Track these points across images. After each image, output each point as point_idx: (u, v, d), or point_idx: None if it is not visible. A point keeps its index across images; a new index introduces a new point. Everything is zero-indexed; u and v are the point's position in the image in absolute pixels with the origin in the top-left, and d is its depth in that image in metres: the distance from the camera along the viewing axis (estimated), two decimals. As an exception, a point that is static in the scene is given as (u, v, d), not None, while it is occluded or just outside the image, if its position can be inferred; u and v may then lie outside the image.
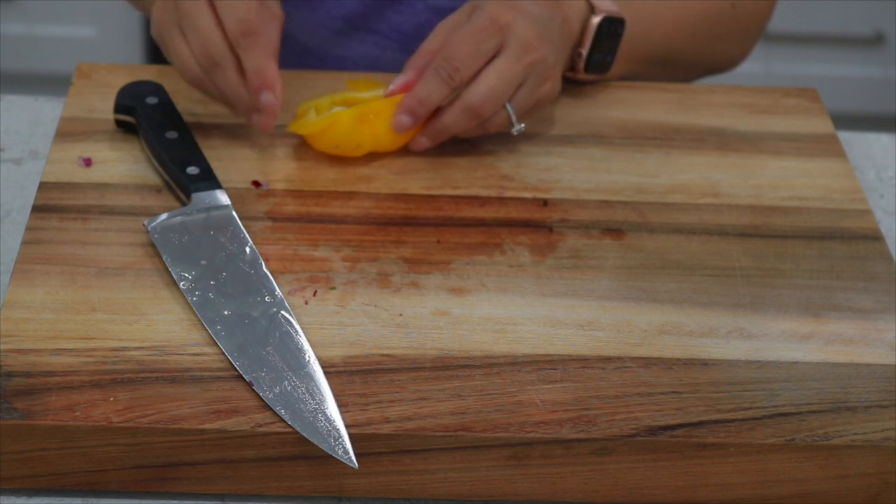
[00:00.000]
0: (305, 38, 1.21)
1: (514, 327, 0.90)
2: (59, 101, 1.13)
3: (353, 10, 1.18)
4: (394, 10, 1.18)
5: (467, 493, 0.84)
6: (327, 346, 0.87)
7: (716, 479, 0.84)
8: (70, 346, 0.85)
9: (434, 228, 0.97)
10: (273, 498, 0.84)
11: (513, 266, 0.94)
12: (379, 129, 1.01)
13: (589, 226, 0.99)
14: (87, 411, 0.81)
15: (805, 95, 1.14)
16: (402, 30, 1.18)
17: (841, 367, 0.88)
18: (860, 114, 2.36)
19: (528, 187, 1.02)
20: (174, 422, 0.81)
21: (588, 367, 0.87)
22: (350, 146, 1.01)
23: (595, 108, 1.10)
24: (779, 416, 0.85)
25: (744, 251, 0.97)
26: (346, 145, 1.01)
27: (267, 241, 0.95)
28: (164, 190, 0.99)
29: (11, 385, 0.83)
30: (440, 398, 0.84)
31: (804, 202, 1.02)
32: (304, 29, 1.20)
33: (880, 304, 0.93)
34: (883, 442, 0.84)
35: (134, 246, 0.93)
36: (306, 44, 1.21)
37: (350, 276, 0.93)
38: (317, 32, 1.20)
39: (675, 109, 1.11)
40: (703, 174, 1.04)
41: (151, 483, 0.83)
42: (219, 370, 0.85)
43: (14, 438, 0.81)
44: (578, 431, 0.83)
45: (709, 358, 0.88)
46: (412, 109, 1.01)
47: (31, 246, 0.93)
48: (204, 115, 1.06)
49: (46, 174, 0.99)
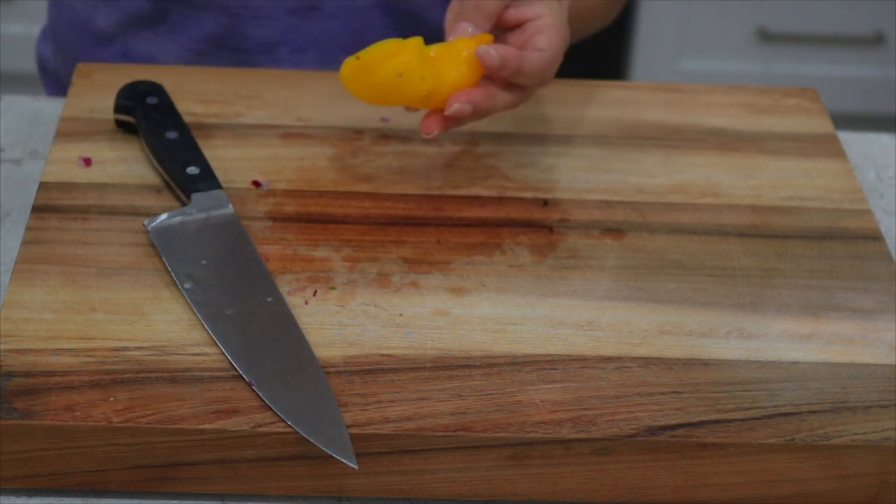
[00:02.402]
0: (169, 61, 1.20)
1: (514, 327, 0.90)
2: (59, 101, 1.13)
3: (214, 32, 1.18)
4: (255, 24, 1.18)
5: (467, 493, 0.84)
6: (327, 346, 0.87)
7: (716, 479, 0.84)
8: (70, 346, 0.85)
9: (434, 228, 0.97)
10: (273, 498, 0.84)
11: (513, 266, 0.94)
12: (439, 72, 0.95)
13: (589, 226, 0.99)
14: (87, 411, 0.81)
15: (805, 95, 1.14)
16: (268, 41, 1.18)
17: (841, 367, 0.88)
18: (860, 114, 2.36)
19: (528, 187, 1.02)
20: (174, 422, 0.81)
21: (588, 367, 0.87)
22: (414, 79, 0.95)
23: (595, 108, 1.10)
24: (779, 416, 0.85)
25: (744, 251, 0.97)
26: (410, 76, 0.95)
27: (267, 241, 0.95)
28: (164, 190, 0.99)
29: (11, 385, 0.83)
30: (440, 398, 0.84)
31: (804, 202, 1.02)
32: (165, 51, 1.20)
33: (880, 304, 0.93)
34: (883, 442, 0.84)
35: (134, 246, 0.93)
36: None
37: (350, 276, 0.93)
38: (179, 55, 1.19)
39: (675, 109, 1.11)
40: (703, 174, 1.04)
41: (151, 483, 0.83)
42: (219, 370, 0.85)
43: (14, 438, 0.81)
44: (578, 431, 0.83)
45: (709, 358, 0.88)
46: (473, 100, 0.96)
47: (31, 246, 0.93)
48: (204, 115, 1.06)
49: (46, 174, 0.99)
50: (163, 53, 1.20)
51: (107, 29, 1.21)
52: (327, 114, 1.07)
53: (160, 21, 1.19)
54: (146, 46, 1.20)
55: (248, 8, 1.16)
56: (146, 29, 1.19)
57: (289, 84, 1.10)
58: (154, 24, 1.19)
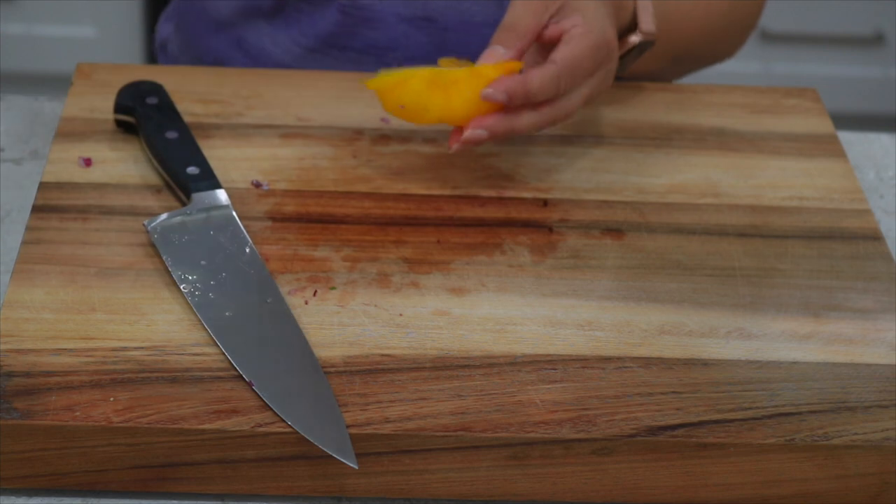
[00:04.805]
0: (278, 54, 1.21)
1: (514, 327, 0.90)
2: (59, 101, 1.13)
3: (327, 30, 1.18)
4: (368, 27, 1.18)
5: (467, 493, 0.84)
6: (327, 346, 0.87)
7: (716, 479, 0.84)
8: (70, 346, 0.86)
9: (434, 228, 0.97)
10: (273, 498, 0.84)
11: (513, 266, 0.95)
12: (452, 97, 0.96)
13: (589, 226, 0.99)
14: (87, 411, 0.81)
15: (805, 95, 1.14)
16: (378, 44, 1.18)
17: (841, 367, 0.88)
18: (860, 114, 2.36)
19: (528, 187, 1.02)
20: (174, 422, 0.81)
21: (588, 367, 0.87)
22: (417, 109, 0.97)
23: (595, 108, 1.10)
24: (779, 416, 0.85)
25: (744, 251, 0.97)
26: (413, 107, 0.97)
27: (267, 241, 0.95)
28: (164, 190, 0.99)
29: (11, 385, 0.83)
30: (440, 398, 0.84)
31: (804, 202, 1.02)
32: (278, 44, 1.20)
33: (880, 304, 0.93)
34: (883, 442, 0.84)
35: (134, 246, 0.93)
36: (279, 59, 1.21)
37: (350, 276, 0.93)
38: (289, 49, 1.20)
39: (675, 109, 1.11)
40: (703, 174, 1.04)
41: (151, 483, 0.83)
42: (219, 370, 0.85)
43: (14, 438, 0.81)
44: (578, 431, 0.83)
45: (709, 358, 0.88)
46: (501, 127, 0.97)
47: (31, 246, 0.93)
48: (204, 115, 1.06)
49: (46, 174, 0.99)
50: (275, 46, 1.20)
51: (225, 16, 1.22)
52: (327, 114, 1.08)
53: (277, 13, 1.19)
54: (259, 37, 1.20)
55: (364, 10, 1.17)
56: (263, 20, 1.19)
57: (289, 84, 1.10)
58: (271, 15, 1.20)
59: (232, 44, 1.22)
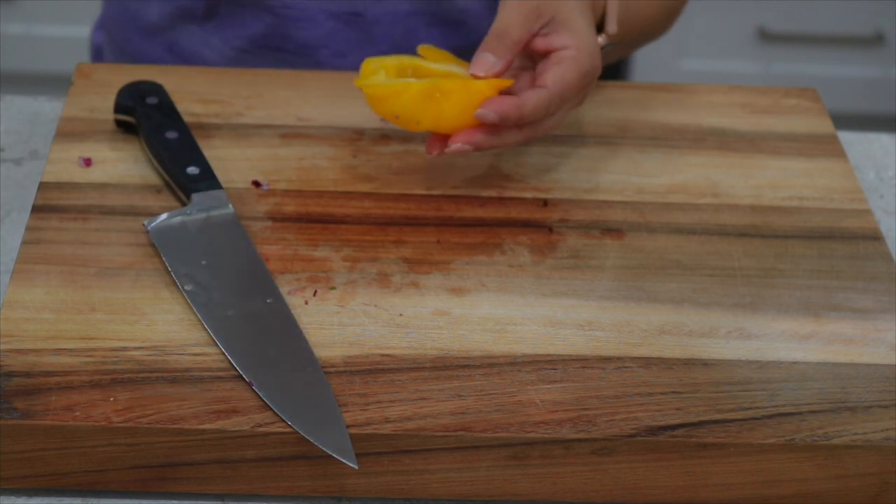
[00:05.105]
0: (211, 57, 1.21)
1: (514, 327, 0.90)
2: (59, 101, 1.13)
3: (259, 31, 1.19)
4: (298, 26, 1.19)
5: (467, 493, 0.84)
6: (327, 346, 0.87)
7: (716, 479, 0.84)
8: (70, 346, 0.86)
9: (434, 228, 0.97)
10: (273, 498, 0.84)
11: (513, 266, 0.95)
12: (444, 110, 0.97)
13: (589, 226, 0.99)
14: (87, 411, 0.81)
15: (805, 95, 1.14)
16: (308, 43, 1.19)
17: (841, 367, 0.88)
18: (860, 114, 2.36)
19: (528, 187, 1.02)
20: (174, 422, 0.81)
21: (588, 367, 0.87)
22: (410, 120, 0.97)
23: (595, 108, 1.10)
24: (779, 416, 0.85)
25: (744, 251, 0.97)
26: (406, 118, 0.97)
27: (267, 241, 0.95)
28: (164, 190, 0.99)
29: (11, 385, 0.83)
30: (440, 398, 0.84)
31: (804, 202, 1.02)
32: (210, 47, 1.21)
33: (880, 304, 0.93)
34: (883, 442, 0.84)
35: (134, 246, 0.93)
36: (212, 62, 1.21)
37: (350, 276, 0.93)
38: (222, 52, 1.20)
39: (675, 109, 1.11)
40: (703, 174, 1.04)
41: (151, 483, 0.83)
42: (219, 370, 0.85)
43: (14, 438, 0.81)
44: (578, 431, 0.83)
45: (709, 358, 0.88)
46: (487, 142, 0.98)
47: (31, 246, 0.93)
48: (204, 115, 1.06)
49: (46, 174, 0.99)
50: (208, 49, 1.21)
51: (156, 21, 1.22)
52: (327, 114, 1.08)
53: (209, 17, 1.20)
54: (192, 42, 1.21)
55: (292, 9, 1.17)
56: (194, 24, 1.20)
57: (289, 84, 1.10)
58: (203, 19, 1.20)
59: (164, 48, 1.22)
